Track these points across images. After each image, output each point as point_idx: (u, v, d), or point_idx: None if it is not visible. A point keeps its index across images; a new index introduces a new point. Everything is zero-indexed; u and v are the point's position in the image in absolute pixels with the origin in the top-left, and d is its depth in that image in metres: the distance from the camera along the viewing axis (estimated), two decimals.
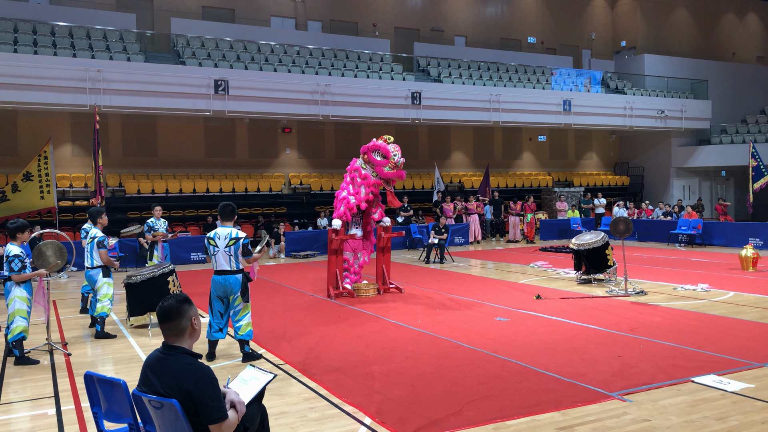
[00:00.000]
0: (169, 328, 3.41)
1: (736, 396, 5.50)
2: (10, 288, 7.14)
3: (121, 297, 10.47)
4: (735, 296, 10.42)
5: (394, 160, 11.03)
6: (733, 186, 30.52)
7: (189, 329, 3.45)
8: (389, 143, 11.20)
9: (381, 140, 11.26)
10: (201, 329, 3.59)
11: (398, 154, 11.13)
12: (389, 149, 11.08)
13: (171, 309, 3.42)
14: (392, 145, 11.21)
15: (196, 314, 3.50)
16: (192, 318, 3.46)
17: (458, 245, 20.33)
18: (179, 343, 3.41)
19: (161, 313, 3.42)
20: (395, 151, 11.12)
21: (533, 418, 5.06)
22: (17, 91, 17.00)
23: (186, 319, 3.43)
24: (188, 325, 3.44)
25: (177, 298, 3.48)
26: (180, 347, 3.40)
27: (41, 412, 5.47)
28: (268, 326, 8.67)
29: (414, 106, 22.28)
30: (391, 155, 11.04)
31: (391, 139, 11.34)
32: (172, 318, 3.40)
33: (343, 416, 5.20)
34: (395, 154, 11.07)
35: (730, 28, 33.83)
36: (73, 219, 18.63)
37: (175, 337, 3.42)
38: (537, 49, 30.13)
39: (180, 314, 3.42)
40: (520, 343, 7.47)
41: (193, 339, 3.49)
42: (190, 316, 3.45)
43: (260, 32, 23.68)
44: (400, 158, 11.13)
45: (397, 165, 11.09)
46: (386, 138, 11.29)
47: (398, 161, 11.08)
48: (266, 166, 23.29)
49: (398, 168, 11.12)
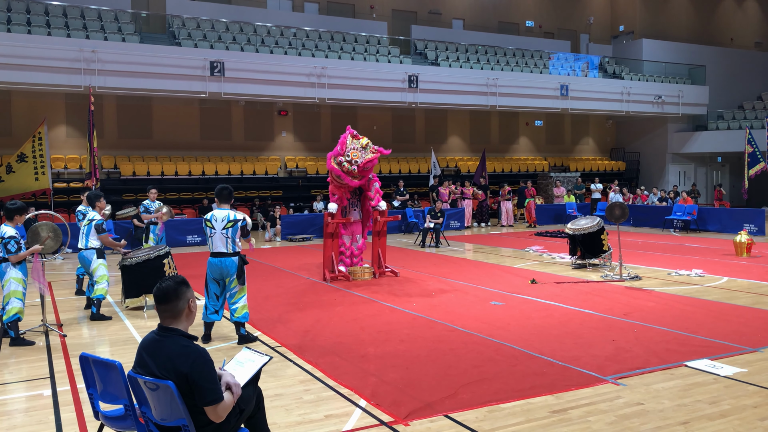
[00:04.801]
0: (166, 309, 3.41)
1: (729, 380, 5.54)
2: (5, 269, 7.12)
3: (117, 279, 10.46)
4: (729, 282, 10.48)
5: (341, 158, 10.47)
6: (729, 172, 30.58)
7: (186, 311, 3.45)
8: (361, 145, 10.58)
9: (357, 137, 10.75)
10: (197, 311, 3.59)
11: (353, 158, 10.43)
12: (346, 146, 10.53)
13: (169, 290, 3.41)
14: (355, 147, 10.54)
15: (193, 296, 3.50)
16: (189, 300, 3.47)
17: (454, 229, 20.35)
18: (175, 325, 3.42)
19: (159, 294, 3.42)
20: (351, 153, 10.46)
21: (527, 401, 5.09)
22: (11, 71, 16.87)
23: (183, 301, 3.43)
24: (185, 306, 3.44)
25: (175, 280, 3.47)
26: (176, 329, 3.40)
27: (37, 393, 5.48)
28: (263, 309, 8.69)
29: (411, 90, 22.19)
30: (344, 152, 10.50)
31: (364, 143, 10.65)
32: (170, 299, 3.40)
33: (338, 398, 5.23)
34: (347, 155, 10.45)
35: (728, 14, 33.70)
36: (68, 201, 18.58)
37: (171, 319, 3.42)
38: (535, 33, 29.99)
39: (178, 296, 3.41)
40: (514, 327, 7.51)
41: (189, 321, 3.49)
42: (187, 298, 3.45)
43: (256, 13, 23.49)
44: (352, 162, 10.43)
45: (340, 164, 10.46)
46: (364, 139, 10.69)
47: (341, 161, 10.41)
48: (262, 149, 23.22)
49: (341, 168, 10.47)
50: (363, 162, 10.57)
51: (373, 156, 10.70)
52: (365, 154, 10.63)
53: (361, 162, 10.54)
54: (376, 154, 10.76)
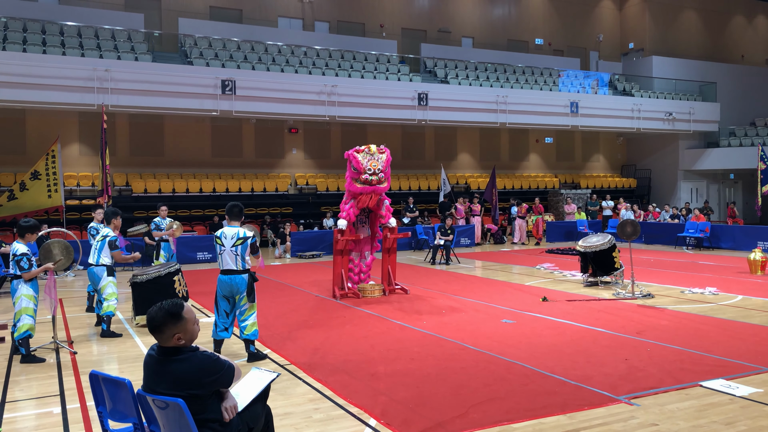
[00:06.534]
0: (154, 337, 3.45)
1: (745, 401, 5.45)
2: (17, 286, 7.16)
3: (127, 296, 10.49)
4: (743, 300, 10.35)
5: (364, 176, 10.48)
6: (741, 189, 30.35)
7: (173, 341, 3.42)
8: (370, 153, 10.66)
9: (362, 150, 10.76)
10: (197, 332, 3.54)
11: (374, 168, 10.51)
12: (362, 164, 10.54)
13: (155, 322, 3.40)
14: (370, 157, 10.63)
15: (183, 329, 3.42)
16: (176, 336, 3.40)
17: (464, 246, 20.29)
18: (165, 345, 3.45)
19: (147, 321, 3.43)
20: (370, 165, 10.54)
21: (539, 421, 5.02)
22: (26, 90, 17.10)
23: (167, 336, 3.40)
24: (171, 340, 3.41)
25: (166, 311, 3.41)
26: (172, 348, 3.42)
27: (47, 411, 5.47)
28: (273, 326, 8.66)
29: (421, 107, 22.27)
30: (364, 170, 10.51)
31: (373, 150, 10.75)
32: (154, 330, 3.41)
33: (348, 417, 5.18)
34: (369, 168, 10.50)
35: (738, 31, 33.67)
36: (80, 218, 18.70)
37: (161, 343, 3.46)
38: (544, 50, 30.06)
39: (162, 330, 3.39)
40: (525, 345, 7.44)
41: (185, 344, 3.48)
42: (173, 333, 3.39)
43: (267, 32, 23.72)
44: (377, 172, 10.51)
45: (367, 181, 10.51)
46: (370, 147, 10.78)
47: (368, 178, 10.46)
48: (272, 167, 23.33)
49: (369, 184, 10.53)
50: (384, 165, 10.75)
51: (385, 154, 10.87)
52: (379, 157, 10.77)
53: (382, 166, 10.71)
54: (385, 150, 10.94)
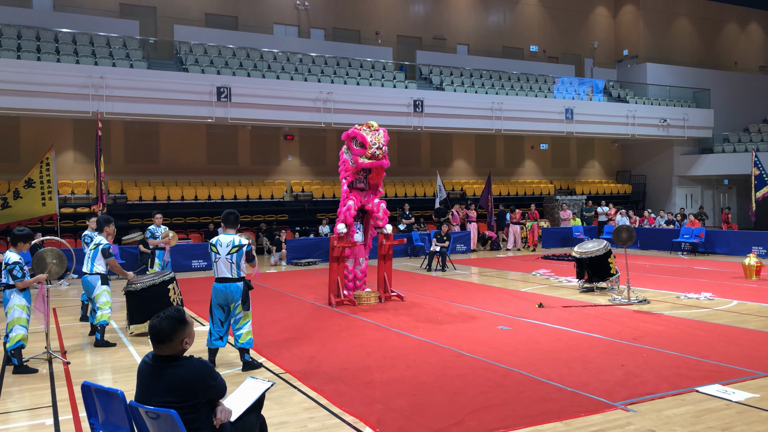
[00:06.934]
0: (160, 348, 3.41)
1: (741, 406, 5.44)
2: (9, 296, 7.10)
3: (121, 305, 10.43)
4: (738, 305, 10.35)
5: (371, 150, 10.40)
6: (736, 195, 30.46)
7: (181, 346, 3.43)
8: (372, 129, 10.63)
9: (363, 127, 10.75)
10: (194, 336, 3.56)
11: (378, 142, 10.46)
12: (366, 138, 10.46)
13: (163, 332, 3.37)
14: (373, 133, 10.59)
15: (190, 333, 3.46)
16: (184, 340, 3.42)
17: (460, 253, 20.27)
18: (169, 354, 3.42)
19: (154, 334, 3.38)
20: (374, 139, 10.48)
21: (536, 428, 5.00)
22: (20, 98, 17.04)
23: (177, 342, 3.41)
24: (179, 346, 3.43)
25: (173, 318, 3.41)
26: (168, 355, 3.40)
27: (39, 422, 5.41)
28: (268, 334, 8.62)
29: (416, 114, 22.29)
30: (369, 144, 10.44)
31: (374, 126, 10.74)
32: (163, 341, 3.39)
33: (344, 426, 5.15)
34: (374, 143, 10.44)
35: (732, 38, 33.87)
36: (74, 226, 18.61)
37: (165, 352, 3.43)
38: (539, 57, 30.17)
39: (171, 338, 3.39)
40: (522, 352, 7.42)
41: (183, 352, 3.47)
42: (182, 338, 3.42)
43: (263, 39, 23.74)
44: (381, 147, 10.46)
45: (374, 155, 10.44)
46: (369, 124, 10.76)
47: (375, 152, 10.39)
48: (268, 174, 23.30)
49: (376, 158, 10.49)
50: (384, 141, 10.74)
51: (382, 131, 10.86)
52: (379, 134, 10.78)
53: (384, 142, 10.72)
54: (380, 128, 10.95)
